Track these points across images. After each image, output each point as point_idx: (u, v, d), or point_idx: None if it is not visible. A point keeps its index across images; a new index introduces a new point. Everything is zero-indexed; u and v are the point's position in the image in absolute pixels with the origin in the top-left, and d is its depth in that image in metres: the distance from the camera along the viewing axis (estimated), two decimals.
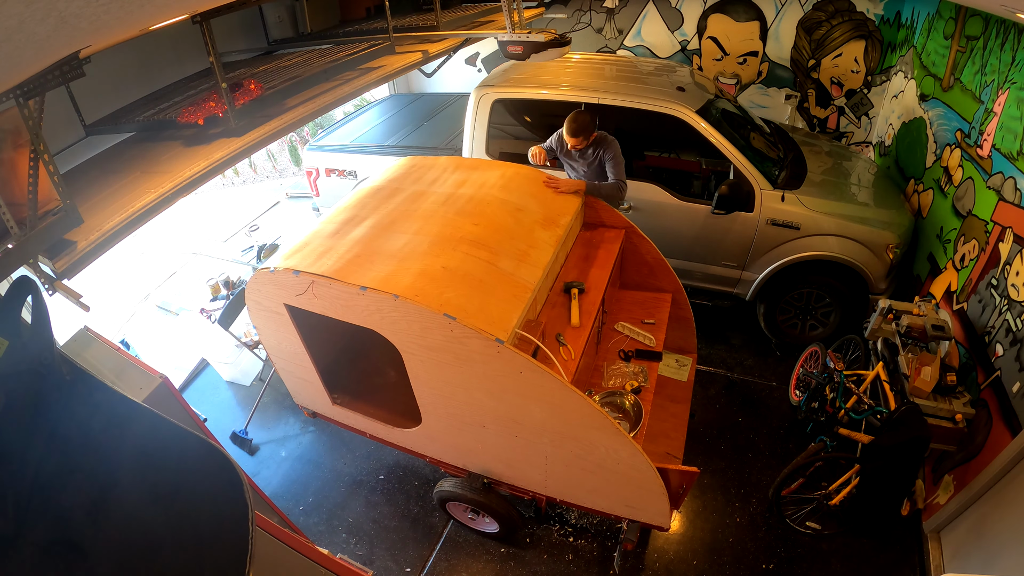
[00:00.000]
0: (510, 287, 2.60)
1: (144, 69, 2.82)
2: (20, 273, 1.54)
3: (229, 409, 4.48)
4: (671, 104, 4.06)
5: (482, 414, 2.71)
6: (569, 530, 3.43)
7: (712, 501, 3.54)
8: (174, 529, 1.10)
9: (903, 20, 5.33)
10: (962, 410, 2.91)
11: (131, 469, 1.11)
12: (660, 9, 6.21)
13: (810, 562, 3.21)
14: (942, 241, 3.87)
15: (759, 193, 4.02)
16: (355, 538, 3.48)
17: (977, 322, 3.20)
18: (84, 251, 1.74)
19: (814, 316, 4.38)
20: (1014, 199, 3.09)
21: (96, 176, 2.24)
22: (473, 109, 4.56)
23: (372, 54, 3.10)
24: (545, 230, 3.02)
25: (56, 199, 1.70)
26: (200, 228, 6.91)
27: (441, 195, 3.15)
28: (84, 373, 1.16)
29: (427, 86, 7.45)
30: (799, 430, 3.90)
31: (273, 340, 3.27)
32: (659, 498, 2.58)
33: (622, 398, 2.99)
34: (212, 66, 2.18)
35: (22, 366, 1.08)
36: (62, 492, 1.04)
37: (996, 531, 2.68)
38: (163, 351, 4.87)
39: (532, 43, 3.28)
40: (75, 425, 1.10)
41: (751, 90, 6.32)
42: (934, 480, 3.27)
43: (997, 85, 3.47)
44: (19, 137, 1.56)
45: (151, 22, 1.86)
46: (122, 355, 2.62)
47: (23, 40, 1.03)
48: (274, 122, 2.41)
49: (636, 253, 3.59)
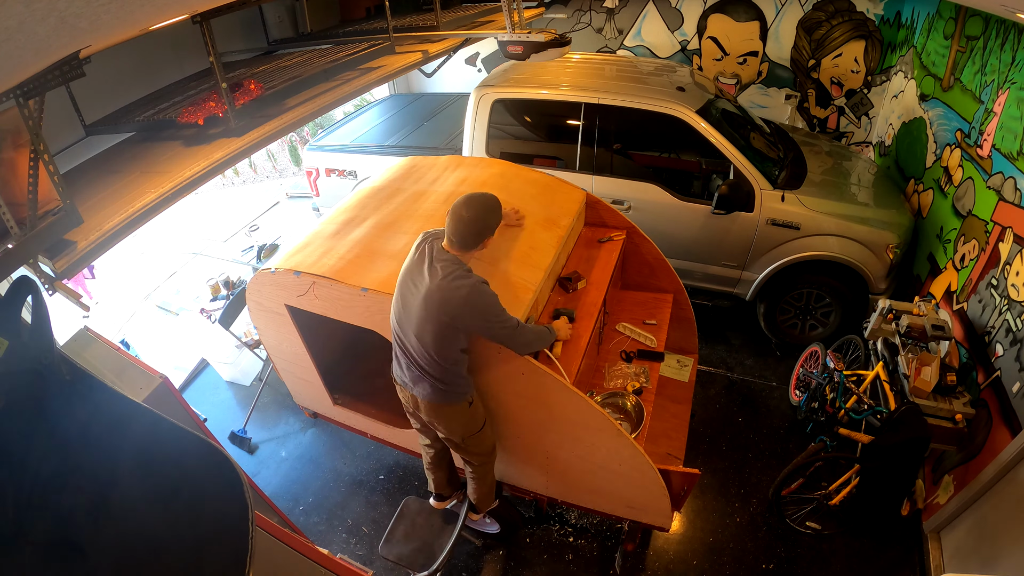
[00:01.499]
0: (511, 288, 2.60)
1: (144, 69, 2.82)
2: (20, 273, 1.54)
3: (229, 409, 4.48)
4: (671, 104, 4.06)
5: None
6: (569, 530, 3.43)
7: (712, 501, 3.54)
8: (174, 529, 1.10)
9: (903, 20, 5.33)
10: (962, 410, 2.91)
11: (131, 469, 1.11)
12: (660, 9, 6.21)
13: (810, 562, 3.21)
14: (942, 241, 3.87)
15: (759, 193, 4.02)
16: (355, 538, 3.48)
17: (977, 322, 3.20)
18: (84, 251, 1.74)
19: (814, 316, 4.38)
20: (1014, 199, 3.09)
21: (96, 176, 2.24)
22: (473, 109, 4.56)
23: (372, 54, 3.10)
24: (546, 231, 3.02)
25: (56, 199, 1.70)
26: (200, 228, 6.91)
27: (442, 195, 3.15)
28: (84, 373, 1.16)
29: (427, 86, 7.44)
30: (799, 430, 3.90)
31: (274, 340, 3.27)
32: (660, 499, 2.58)
33: (623, 399, 2.99)
34: (212, 66, 2.18)
35: (22, 366, 1.08)
36: (62, 492, 1.04)
37: (996, 531, 2.68)
38: (163, 351, 4.87)
39: (532, 43, 3.28)
40: (75, 425, 1.10)
41: (751, 90, 6.32)
42: (934, 480, 3.27)
43: (997, 85, 3.47)
44: (19, 137, 1.56)
45: (151, 22, 1.86)
46: (122, 355, 2.62)
47: (23, 40, 1.03)
48: (274, 122, 2.40)
49: (637, 253, 3.59)
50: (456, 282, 2.12)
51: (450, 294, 2.12)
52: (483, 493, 2.89)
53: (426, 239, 2.29)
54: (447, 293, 2.12)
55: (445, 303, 2.13)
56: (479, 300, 2.14)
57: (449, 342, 2.24)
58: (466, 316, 2.16)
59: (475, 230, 2.17)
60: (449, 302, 2.13)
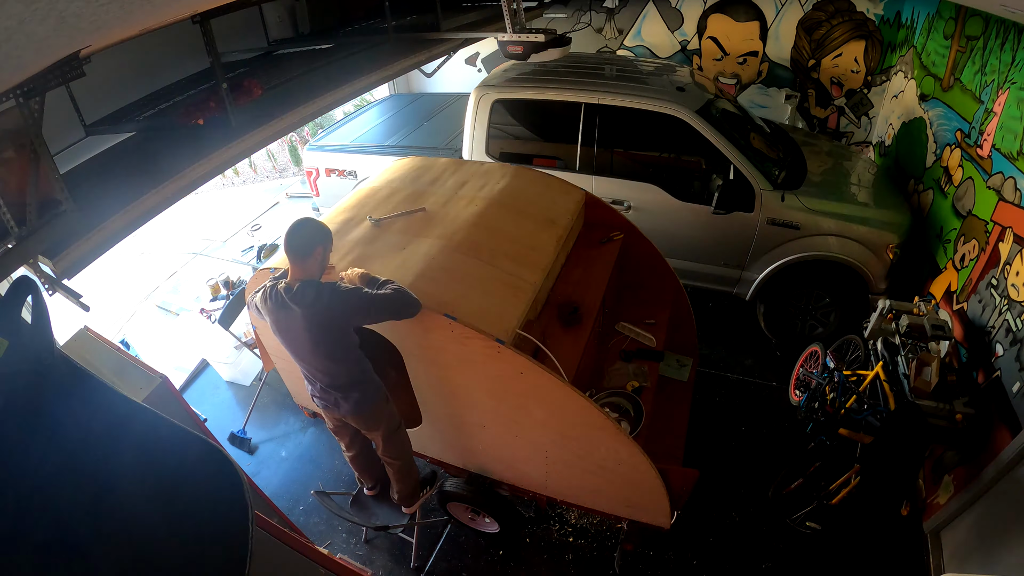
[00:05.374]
0: (510, 288, 2.60)
1: (144, 69, 2.81)
2: (20, 273, 1.54)
3: (229, 409, 4.48)
4: (671, 104, 4.06)
5: (482, 414, 2.71)
6: (569, 530, 3.43)
7: (712, 501, 3.54)
8: (174, 529, 1.10)
9: (903, 20, 5.33)
10: (962, 410, 2.91)
11: (131, 469, 1.11)
12: (660, 9, 6.21)
13: (810, 562, 3.21)
14: (942, 241, 3.87)
15: (759, 193, 4.02)
16: (355, 538, 3.48)
17: (977, 322, 3.20)
18: (84, 251, 1.74)
19: (814, 316, 4.38)
20: (1014, 199, 3.09)
21: (96, 176, 2.24)
22: (473, 109, 4.56)
23: (372, 54, 3.10)
24: (545, 231, 3.02)
25: (56, 199, 1.70)
26: (200, 228, 6.91)
27: (441, 195, 3.15)
28: (84, 373, 1.16)
29: (427, 86, 7.44)
30: (799, 430, 3.90)
31: (273, 341, 3.27)
32: (660, 499, 2.58)
33: (623, 398, 2.99)
34: (212, 66, 2.18)
35: (22, 366, 1.08)
36: (62, 492, 1.04)
37: (996, 531, 2.68)
38: (163, 351, 4.87)
39: (532, 43, 3.28)
40: (75, 425, 1.10)
41: (751, 90, 6.32)
42: (934, 480, 3.27)
43: (997, 85, 3.47)
44: (19, 137, 1.56)
45: (151, 22, 1.86)
46: (122, 355, 2.63)
47: (23, 40, 1.03)
48: (274, 122, 2.41)
49: (637, 253, 3.59)
50: (317, 301, 2.26)
51: (321, 312, 2.27)
52: (408, 490, 3.06)
53: (265, 293, 2.38)
54: (319, 314, 2.27)
55: (324, 320, 2.30)
56: (344, 298, 2.28)
57: (345, 348, 2.44)
58: (347, 316, 2.31)
59: (302, 242, 2.29)
60: (327, 316, 2.29)
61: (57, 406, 1.11)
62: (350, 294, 2.28)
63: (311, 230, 2.31)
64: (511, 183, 3.27)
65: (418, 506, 3.18)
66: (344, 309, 2.28)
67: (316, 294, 2.25)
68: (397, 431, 2.81)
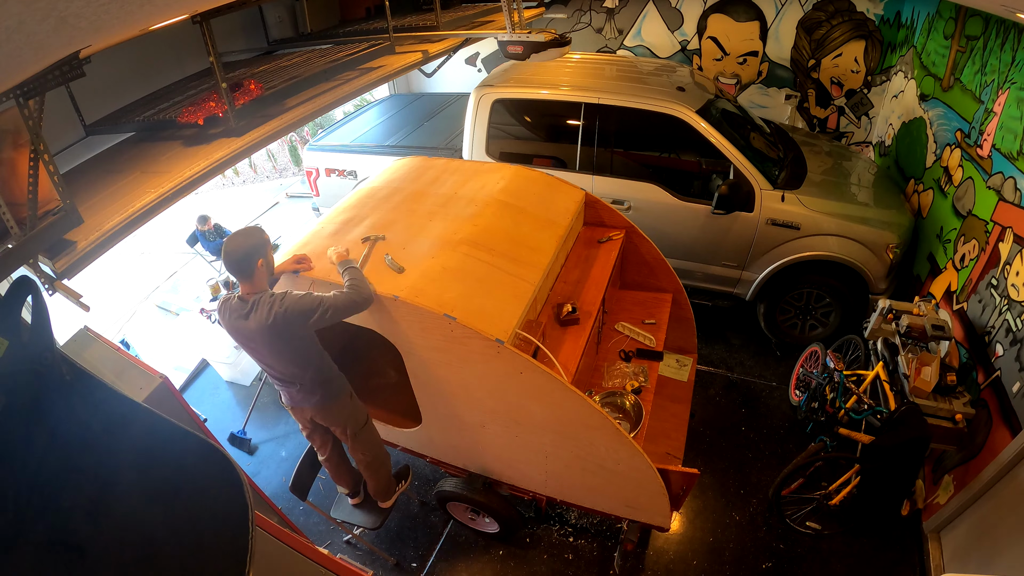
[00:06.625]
0: (510, 287, 2.60)
1: (144, 69, 2.82)
2: (20, 273, 1.54)
3: (229, 409, 4.48)
4: (671, 104, 4.06)
5: (482, 414, 2.71)
6: (569, 530, 3.43)
7: (712, 501, 3.54)
8: (174, 529, 1.10)
9: (903, 20, 5.33)
10: (962, 410, 2.91)
11: (131, 469, 1.11)
12: (660, 9, 6.21)
13: (810, 562, 3.21)
14: (942, 241, 3.87)
15: (759, 193, 4.02)
16: (355, 538, 3.48)
17: (977, 322, 3.20)
18: (84, 251, 1.74)
19: (814, 316, 4.38)
20: (1014, 199, 3.09)
21: (96, 176, 2.24)
22: (473, 109, 4.56)
23: (372, 54, 3.10)
24: (545, 230, 3.02)
25: (56, 199, 1.70)
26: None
27: (441, 195, 3.15)
28: (84, 373, 1.16)
29: (427, 86, 7.44)
30: (799, 430, 3.90)
31: None
32: (659, 498, 2.58)
33: (622, 398, 2.99)
34: (212, 66, 2.18)
35: (22, 366, 1.08)
36: (62, 492, 1.04)
37: (996, 531, 2.68)
38: (163, 351, 4.87)
39: (532, 43, 3.28)
40: (75, 425, 1.10)
41: (751, 90, 6.32)
42: (934, 480, 3.27)
43: (997, 85, 3.47)
44: (19, 137, 1.56)
45: (151, 22, 1.86)
46: (122, 355, 2.62)
47: (23, 40, 1.03)
48: (274, 122, 2.40)
49: (636, 253, 3.59)
50: (271, 312, 2.28)
51: (277, 323, 2.29)
52: (382, 486, 3.09)
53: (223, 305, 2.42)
54: (275, 326, 2.30)
55: (280, 331, 2.32)
56: (296, 308, 2.29)
57: (305, 353, 2.48)
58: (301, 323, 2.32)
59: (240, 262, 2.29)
60: (282, 326, 2.30)
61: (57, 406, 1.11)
62: (300, 303, 2.30)
63: (244, 248, 2.29)
64: (511, 183, 3.27)
65: (394, 501, 3.19)
66: (296, 319, 2.30)
67: (268, 309, 2.29)
68: (365, 426, 2.83)
